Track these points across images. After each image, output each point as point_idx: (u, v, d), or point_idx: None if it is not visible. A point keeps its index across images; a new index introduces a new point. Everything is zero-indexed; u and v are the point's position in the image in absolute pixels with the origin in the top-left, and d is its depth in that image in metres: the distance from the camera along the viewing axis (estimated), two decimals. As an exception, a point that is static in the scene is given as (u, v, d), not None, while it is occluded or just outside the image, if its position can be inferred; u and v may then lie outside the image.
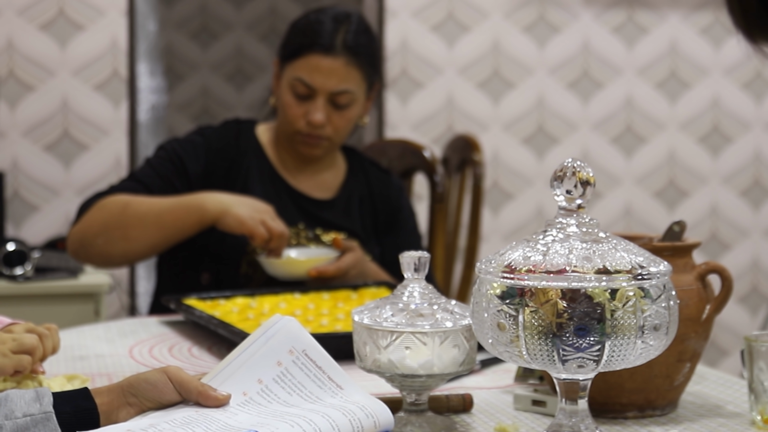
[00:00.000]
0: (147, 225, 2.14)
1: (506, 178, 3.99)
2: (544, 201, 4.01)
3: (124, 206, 2.16)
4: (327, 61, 2.26)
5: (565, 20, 3.98)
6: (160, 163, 2.30)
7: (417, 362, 1.36)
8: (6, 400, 1.20)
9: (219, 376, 1.29)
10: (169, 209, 2.15)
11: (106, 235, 2.16)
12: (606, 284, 1.21)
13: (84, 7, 3.69)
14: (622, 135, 4.05)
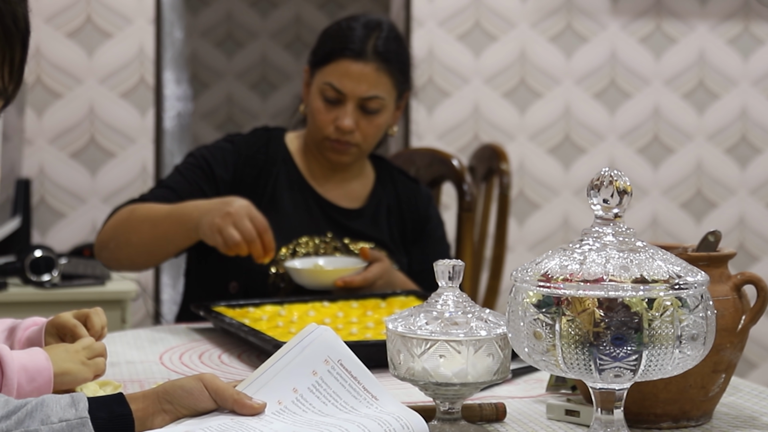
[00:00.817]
0: (144, 233, 2.16)
1: (532, 188, 3.98)
2: (570, 211, 3.99)
3: (131, 212, 2.18)
4: (357, 66, 2.26)
5: (593, 30, 3.97)
6: (189, 170, 2.30)
7: (451, 371, 1.35)
8: (42, 405, 1.20)
9: (254, 384, 1.29)
10: (163, 218, 2.14)
11: (116, 239, 2.19)
12: (643, 293, 1.21)
13: (111, 15, 3.70)
14: (649, 145, 4.03)
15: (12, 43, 0.92)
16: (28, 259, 3.05)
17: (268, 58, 5.28)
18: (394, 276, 2.26)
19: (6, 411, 1.18)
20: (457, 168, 2.70)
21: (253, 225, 2.03)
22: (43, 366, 1.43)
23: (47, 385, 1.43)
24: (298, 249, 2.29)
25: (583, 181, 4.01)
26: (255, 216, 2.05)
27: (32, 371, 1.41)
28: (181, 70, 4.24)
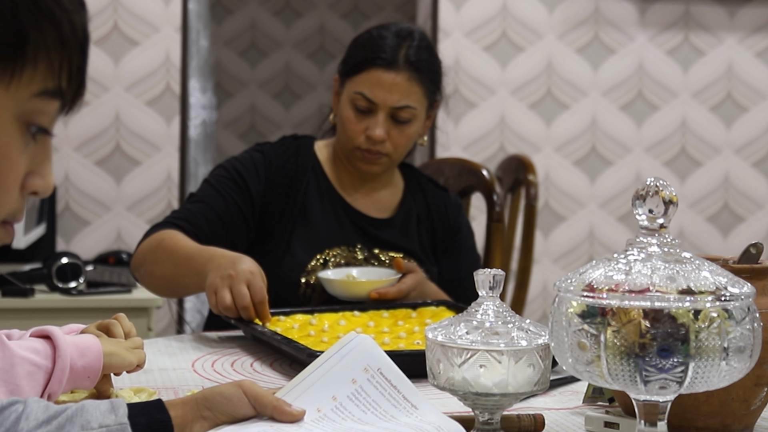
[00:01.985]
0: (166, 268, 2.13)
1: (557, 199, 3.96)
2: (595, 223, 3.98)
3: (159, 242, 2.15)
4: (389, 75, 2.24)
5: (620, 41, 3.96)
6: (221, 182, 2.28)
7: (491, 381, 1.34)
8: (82, 411, 1.19)
9: (293, 391, 1.28)
10: (183, 260, 2.08)
11: (144, 267, 2.18)
12: (690, 305, 1.19)
13: (138, 23, 3.71)
14: (676, 158, 4.02)
15: (69, 49, 0.92)
16: (54, 266, 3.05)
17: (291, 68, 5.28)
18: (427, 287, 2.25)
19: (47, 416, 1.17)
20: (486, 178, 2.68)
21: (250, 292, 1.94)
22: (92, 342, 1.45)
23: (97, 360, 1.43)
24: (329, 259, 2.28)
25: (609, 194, 3.99)
26: (254, 283, 1.94)
27: (82, 347, 1.42)
28: (206, 79, 4.24)
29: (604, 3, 3.94)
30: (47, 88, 0.92)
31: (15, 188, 0.92)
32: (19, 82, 0.90)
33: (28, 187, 0.94)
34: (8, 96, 0.90)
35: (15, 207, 0.93)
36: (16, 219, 0.94)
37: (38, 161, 0.94)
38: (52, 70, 0.92)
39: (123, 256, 3.66)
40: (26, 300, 3.01)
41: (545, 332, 1.36)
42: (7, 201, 0.92)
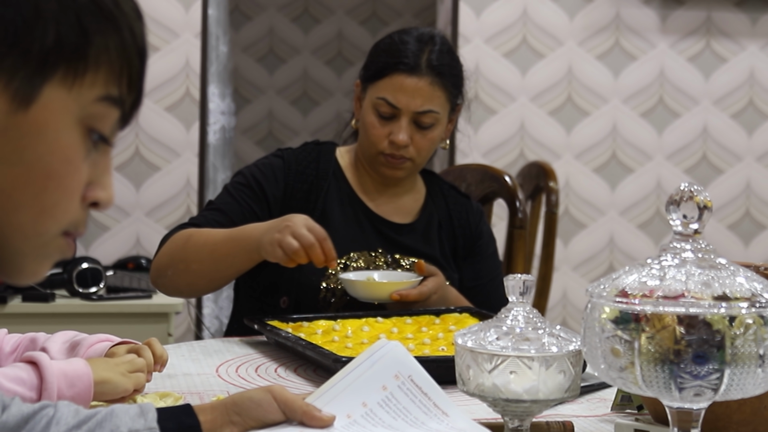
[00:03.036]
0: (204, 259, 2.12)
1: (577, 207, 3.95)
2: (615, 231, 3.96)
3: (187, 239, 2.15)
4: (411, 80, 2.24)
5: (641, 48, 3.94)
6: (239, 190, 2.28)
7: (522, 387, 1.33)
8: (111, 415, 1.18)
9: (323, 397, 1.27)
10: (222, 243, 2.11)
11: (173, 267, 2.16)
12: (725, 311, 1.18)
13: (158, 29, 3.71)
14: (697, 165, 4.00)
15: (129, 55, 0.92)
16: (75, 271, 3.05)
17: (309, 74, 5.28)
18: (448, 291, 2.24)
19: (77, 420, 1.17)
20: (509, 184, 2.67)
21: (311, 234, 2.01)
22: (83, 371, 1.42)
23: (88, 390, 1.41)
24: (349, 263, 2.27)
25: (630, 201, 3.97)
26: (313, 226, 2.02)
27: (72, 376, 1.40)
28: (225, 85, 4.24)
29: (625, 9, 3.92)
30: (109, 94, 0.92)
31: (77, 196, 0.92)
32: (81, 84, 0.90)
33: (89, 198, 0.93)
34: (71, 98, 0.89)
35: (77, 217, 0.93)
36: (79, 231, 0.94)
37: (99, 172, 0.94)
38: (113, 76, 0.92)
39: (142, 261, 3.66)
40: (47, 305, 3.01)
41: (576, 339, 1.34)
42: (69, 209, 0.91)
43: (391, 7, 5.26)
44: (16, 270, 0.92)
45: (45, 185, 0.89)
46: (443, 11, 4.07)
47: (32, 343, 1.58)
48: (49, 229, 0.91)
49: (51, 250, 0.93)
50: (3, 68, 0.86)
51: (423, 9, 5.23)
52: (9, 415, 1.16)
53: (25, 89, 0.87)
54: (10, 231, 0.89)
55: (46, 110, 0.88)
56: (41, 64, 0.87)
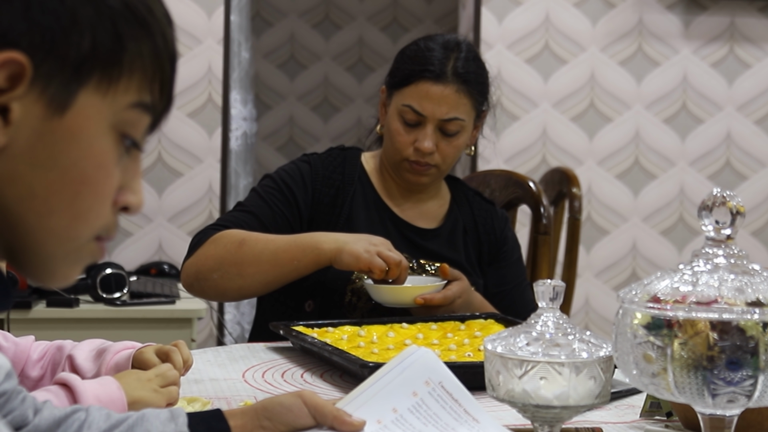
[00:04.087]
0: (262, 263, 2.11)
1: (600, 213, 3.93)
2: (638, 237, 3.94)
3: (240, 243, 2.13)
4: (437, 88, 2.23)
5: (664, 53, 3.93)
6: (269, 193, 2.28)
7: (552, 393, 1.32)
8: (142, 420, 1.19)
9: (353, 402, 1.27)
10: (285, 248, 2.11)
11: (221, 270, 2.13)
12: (759, 317, 1.17)
13: (181, 35, 3.72)
14: (720, 171, 3.98)
15: (161, 59, 0.92)
16: (99, 277, 3.05)
17: (330, 80, 5.28)
18: (472, 296, 2.23)
19: (108, 424, 1.17)
20: (533, 190, 2.67)
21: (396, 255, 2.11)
22: (116, 396, 1.41)
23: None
24: (375, 268, 2.27)
25: (653, 208, 3.96)
26: (394, 249, 2.13)
27: (105, 401, 1.39)
28: (247, 91, 4.24)
29: (648, 15, 3.91)
30: (142, 101, 0.93)
31: (109, 200, 0.92)
32: (116, 90, 0.90)
33: (120, 202, 0.94)
34: (105, 104, 0.90)
35: (109, 222, 0.93)
36: (109, 235, 0.94)
37: (130, 176, 0.94)
38: (146, 82, 0.92)
39: (164, 267, 3.67)
40: (71, 310, 3.01)
41: (606, 344, 1.34)
42: (102, 213, 0.92)
43: (412, 13, 5.26)
44: (49, 274, 0.92)
45: (79, 190, 0.90)
46: (465, 17, 4.06)
47: (59, 351, 1.58)
48: (82, 234, 0.91)
49: (83, 254, 0.93)
50: (39, 74, 0.86)
51: (444, 15, 5.23)
52: (41, 418, 1.16)
53: (61, 95, 0.87)
54: (44, 235, 0.89)
55: (81, 116, 0.89)
56: (77, 70, 0.88)
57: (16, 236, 0.89)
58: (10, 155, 0.87)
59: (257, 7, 5.14)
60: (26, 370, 1.56)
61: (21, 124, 0.86)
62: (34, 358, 1.58)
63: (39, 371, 1.57)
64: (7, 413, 1.15)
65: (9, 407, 1.15)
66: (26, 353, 1.57)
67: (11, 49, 0.85)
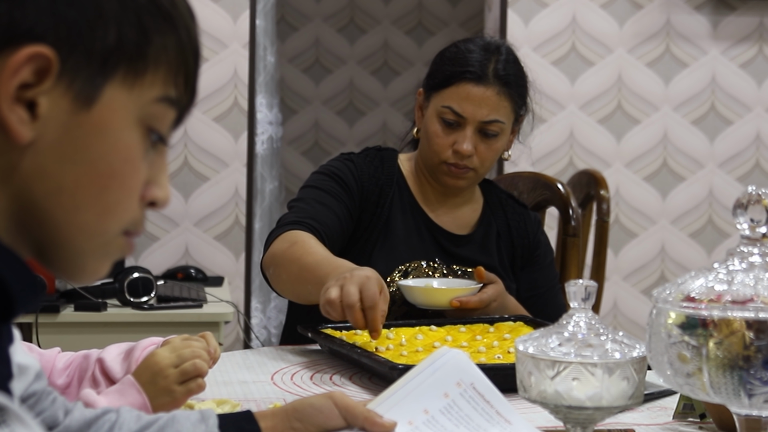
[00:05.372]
0: (292, 273, 2.06)
1: (628, 216, 3.91)
2: (667, 240, 3.92)
3: (291, 245, 2.09)
4: (478, 90, 2.21)
5: (693, 55, 3.91)
6: (327, 185, 2.25)
7: (585, 394, 1.31)
8: (173, 421, 1.18)
9: (385, 404, 1.26)
10: (310, 269, 2.01)
11: (273, 267, 2.12)
12: (796, 316, 1.15)
13: (207, 39, 3.72)
14: (749, 173, 3.95)
15: (186, 53, 0.92)
16: (126, 281, 3.06)
17: (355, 84, 5.28)
18: (507, 300, 2.22)
19: (139, 426, 1.17)
20: (561, 192, 2.65)
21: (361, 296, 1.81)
22: (138, 401, 1.39)
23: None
24: (409, 271, 2.25)
25: (681, 210, 3.93)
26: (368, 287, 1.82)
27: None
28: (273, 95, 4.25)
29: (675, 16, 3.89)
30: (168, 95, 0.92)
31: (137, 195, 0.92)
32: (142, 84, 0.90)
33: (147, 197, 0.94)
34: (131, 98, 0.90)
35: (136, 216, 0.93)
36: (137, 230, 0.94)
37: (156, 171, 0.94)
38: (171, 76, 0.92)
39: (191, 271, 3.67)
40: (99, 314, 3.02)
41: (639, 345, 1.32)
42: (130, 207, 0.91)
43: (437, 16, 5.25)
44: (78, 269, 0.92)
45: (107, 184, 0.89)
46: (491, 20, 4.05)
47: (86, 359, 1.58)
48: (111, 228, 0.91)
49: (112, 249, 0.93)
50: (66, 68, 0.86)
51: (470, 18, 5.22)
52: (72, 419, 1.16)
53: (88, 89, 0.87)
54: (73, 230, 0.89)
55: (108, 110, 0.88)
56: (103, 64, 0.88)
57: (45, 232, 0.89)
58: (37, 150, 0.86)
59: (282, 11, 5.15)
60: (52, 379, 1.56)
61: (48, 118, 0.86)
62: (59, 367, 1.58)
63: (65, 379, 1.57)
64: (37, 414, 1.15)
65: (39, 408, 1.15)
66: (51, 363, 1.57)
67: (38, 43, 0.84)
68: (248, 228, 3.79)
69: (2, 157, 0.86)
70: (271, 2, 4.08)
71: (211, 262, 3.76)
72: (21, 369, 1.11)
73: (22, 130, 0.85)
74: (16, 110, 0.85)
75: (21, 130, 0.85)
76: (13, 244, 0.89)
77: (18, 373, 1.08)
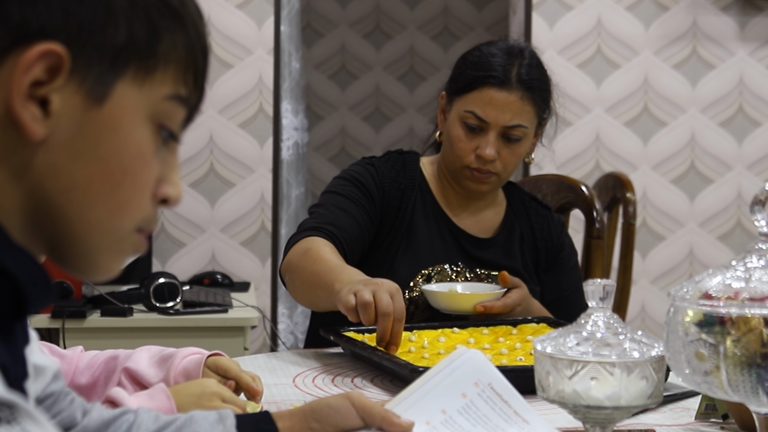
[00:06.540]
0: (304, 280, 2.07)
1: (655, 218, 3.89)
2: (695, 243, 3.89)
3: (306, 251, 2.10)
4: (502, 94, 2.20)
5: (720, 56, 3.88)
6: (347, 190, 2.25)
7: (603, 393, 1.30)
8: (191, 422, 1.18)
9: (402, 404, 1.26)
10: (322, 275, 2.02)
11: (289, 274, 2.12)
12: (815, 313, 1.14)
13: (232, 46, 3.74)
14: (779, 175, 3.93)
15: (195, 52, 0.93)
16: (152, 286, 3.07)
17: (381, 90, 5.28)
18: (531, 303, 2.20)
19: (157, 426, 1.17)
20: (585, 194, 2.64)
21: (392, 304, 1.82)
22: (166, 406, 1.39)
23: None
24: (432, 275, 2.25)
25: (710, 212, 3.91)
26: (398, 299, 1.84)
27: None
28: (298, 101, 4.26)
29: (702, 17, 3.87)
30: (178, 93, 0.93)
31: (148, 192, 0.93)
32: (152, 82, 0.91)
33: (160, 195, 0.94)
34: (142, 96, 0.90)
35: (149, 214, 0.93)
36: (150, 227, 0.94)
37: (168, 169, 0.95)
38: (181, 74, 0.93)
39: (217, 276, 3.68)
40: (125, 319, 3.03)
41: (658, 344, 1.31)
42: (142, 204, 0.92)
43: (463, 21, 5.25)
44: (92, 266, 0.92)
45: (120, 181, 0.90)
46: (516, 23, 4.05)
47: (113, 360, 1.58)
48: (124, 225, 0.92)
49: (125, 246, 0.93)
50: (77, 66, 0.87)
51: (495, 22, 5.21)
52: (90, 419, 1.17)
53: (99, 86, 0.88)
54: (86, 227, 0.90)
55: (119, 107, 0.89)
56: (114, 62, 0.88)
57: (58, 229, 0.89)
58: (50, 147, 0.87)
59: (308, 17, 5.16)
60: (75, 379, 1.56)
61: (61, 115, 0.87)
62: (81, 367, 1.58)
63: (89, 379, 1.56)
64: (55, 414, 1.15)
65: (57, 408, 1.16)
66: (74, 363, 1.57)
67: (49, 41, 0.85)
68: (274, 234, 3.80)
69: (15, 155, 0.87)
70: (295, 8, 4.09)
71: (237, 268, 3.77)
72: (38, 370, 1.11)
73: (35, 127, 0.86)
74: (29, 107, 0.86)
75: (34, 127, 0.86)
76: (26, 243, 0.89)
77: (35, 373, 1.09)
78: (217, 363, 1.56)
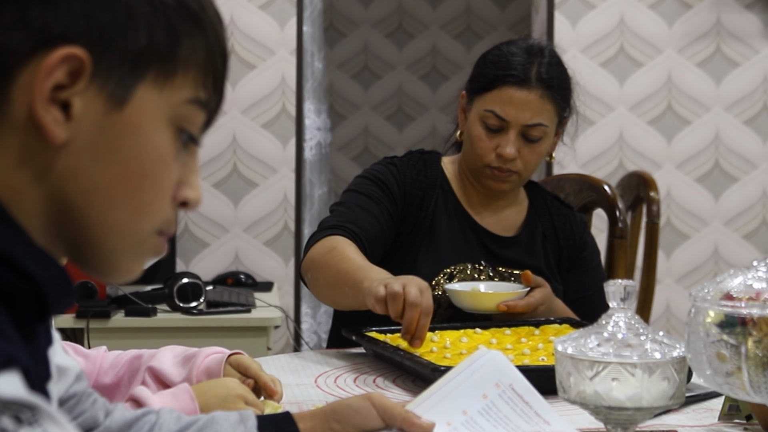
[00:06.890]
0: (329, 279, 2.07)
1: (680, 217, 3.87)
2: (720, 242, 3.88)
3: (330, 249, 2.10)
4: (521, 93, 2.20)
5: (744, 54, 3.86)
6: (369, 189, 2.26)
7: (624, 394, 1.30)
8: (212, 422, 1.19)
9: (423, 405, 1.26)
10: (348, 273, 2.02)
11: (311, 272, 2.13)
12: (838, 314, 1.14)
13: (254, 46, 3.75)
14: (804, 173, 3.90)
15: (214, 55, 0.94)
16: (175, 286, 3.08)
17: (404, 89, 5.28)
18: (554, 303, 2.20)
19: (179, 427, 1.18)
20: (608, 194, 2.63)
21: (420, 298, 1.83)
22: (189, 407, 1.40)
23: None
24: (454, 274, 2.25)
25: (735, 211, 3.89)
26: (427, 295, 1.85)
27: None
28: (321, 101, 4.26)
29: (726, 15, 3.85)
30: (198, 97, 0.94)
31: (168, 195, 0.93)
32: (172, 86, 0.92)
33: (179, 198, 0.95)
34: (162, 99, 0.91)
35: (169, 217, 0.94)
36: (170, 230, 0.95)
37: (187, 172, 0.95)
38: (200, 77, 0.93)
39: (241, 276, 3.69)
40: (148, 319, 3.05)
41: (680, 345, 1.31)
42: (162, 207, 0.93)
43: (486, 20, 5.24)
44: (113, 269, 0.93)
45: (140, 184, 0.90)
46: (538, 22, 4.04)
47: (137, 359, 1.59)
48: (144, 228, 0.92)
49: (146, 249, 0.94)
50: (99, 69, 0.87)
51: (518, 21, 5.20)
52: (112, 420, 1.17)
53: (120, 90, 0.89)
54: (106, 229, 0.90)
55: (140, 110, 0.90)
56: (134, 65, 0.89)
57: (79, 232, 0.90)
58: (72, 150, 0.88)
59: (330, 17, 5.17)
60: (99, 378, 1.57)
61: (82, 119, 0.88)
62: (105, 366, 1.59)
63: (113, 378, 1.57)
64: (77, 415, 1.16)
65: (80, 409, 1.17)
66: (98, 363, 1.58)
67: (71, 45, 0.86)
68: (297, 233, 3.81)
69: (38, 158, 0.88)
70: (318, 9, 4.09)
71: (260, 268, 3.78)
72: (61, 370, 1.12)
73: (57, 131, 0.87)
74: (51, 111, 0.87)
75: (56, 131, 0.87)
76: (48, 245, 0.90)
77: (57, 374, 1.10)
78: (239, 361, 1.57)
